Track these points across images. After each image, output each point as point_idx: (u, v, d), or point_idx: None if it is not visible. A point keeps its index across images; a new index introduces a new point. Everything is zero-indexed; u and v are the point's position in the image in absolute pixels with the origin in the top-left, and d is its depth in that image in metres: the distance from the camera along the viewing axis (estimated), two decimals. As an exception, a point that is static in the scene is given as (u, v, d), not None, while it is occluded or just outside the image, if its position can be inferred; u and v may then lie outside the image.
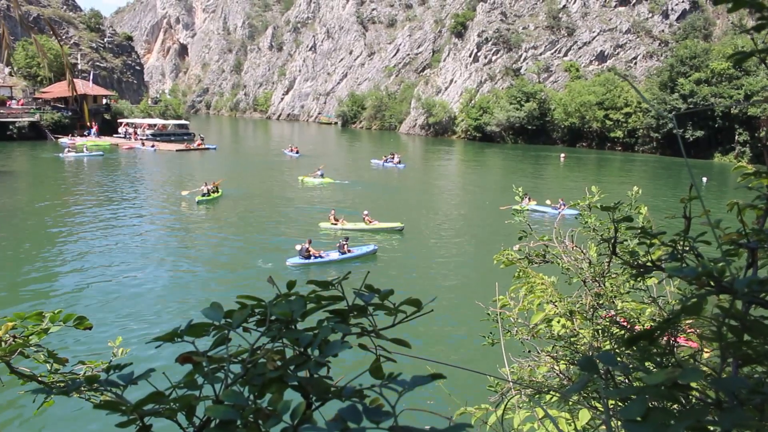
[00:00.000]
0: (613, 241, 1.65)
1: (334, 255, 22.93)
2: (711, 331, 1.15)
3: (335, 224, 27.61)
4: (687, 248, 1.38)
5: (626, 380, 2.30)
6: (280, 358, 1.07)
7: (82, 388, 1.19)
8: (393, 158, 55.90)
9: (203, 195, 31.60)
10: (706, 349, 3.07)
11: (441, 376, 1.03)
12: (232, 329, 1.13)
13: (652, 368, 1.80)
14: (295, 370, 1.04)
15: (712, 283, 1.15)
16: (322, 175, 43.11)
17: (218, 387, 1.03)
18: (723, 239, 1.30)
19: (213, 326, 1.14)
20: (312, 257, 22.22)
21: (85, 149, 54.43)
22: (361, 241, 25.07)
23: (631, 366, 1.23)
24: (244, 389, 1.02)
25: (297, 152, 62.68)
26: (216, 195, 32.59)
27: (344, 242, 23.19)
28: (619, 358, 3.20)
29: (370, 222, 27.81)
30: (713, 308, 1.21)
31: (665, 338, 2.02)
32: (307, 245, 22.24)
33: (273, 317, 1.14)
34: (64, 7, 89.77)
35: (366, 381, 1.06)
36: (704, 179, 49.92)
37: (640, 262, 1.63)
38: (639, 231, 1.57)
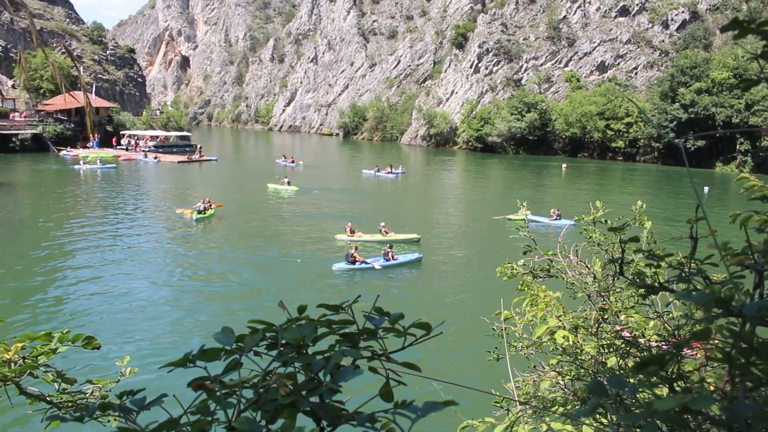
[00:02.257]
0: (620, 262, 1.65)
1: (380, 261, 23.33)
2: (718, 348, 1.15)
3: (351, 236, 27.54)
4: (695, 271, 1.39)
5: (634, 397, 2.30)
6: (293, 383, 1.07)
7: (97, 413, 1.19)
8: (387, 169, 56.11)
9: (199, 212, 31.03)
10: (710, 365, 3.07)
11: (453, 402, 1.03)
12: (243, 354, 1.14)
13: (658, 382, 1.81)
14: (307, 396, 1.05)
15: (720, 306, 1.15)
16: (288, 183, 44.05)
17: (231, 412, 1.04)
18: (730, 262, 1.31)
19: (224, 351, 1.15)
20: (357, 263, 22.68)
21: (99, 161, 54.70)
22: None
23: (639, 387, 1.23)
24: (256, 414, 1.03)
25: (293, 162, 62.84)
26: (210, 212, 31.87)
27: (389, 249, 23.68)
28: (623, 371, 3.20)
29: (387, 233, 27.69)
30: (720, 328, 1.22)
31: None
32: (353, 251, 22.79)
33: (284, 341, 1.15)
34: (67, 20, 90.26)
35: (376, 403, 1.06)
36: (706, 189, 49.89)
37: (647, 282, 1.64)
38: (647, 253, 1.58)
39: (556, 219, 32.26)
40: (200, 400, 1.07)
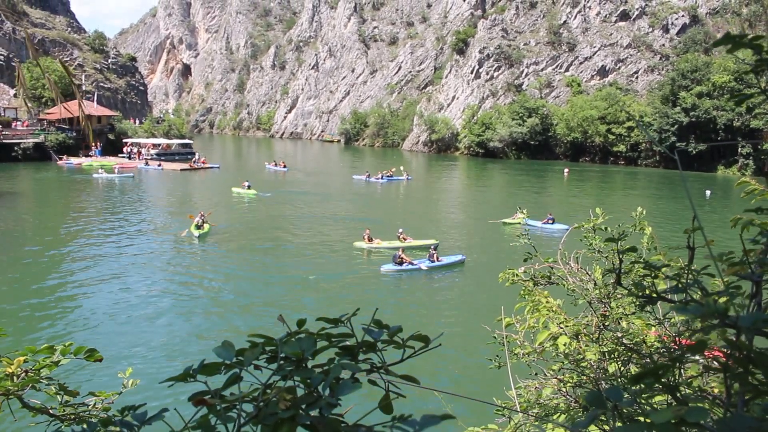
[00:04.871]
0: (617, 272, 1.66)
1: (425, 263, 24.07)
2: (716, 358, 1.16)
3: (370, 243, 27.61)
4: (691, 281, 1.39)
5: (636, 404, 2.29)
6: (292, 397, 1.08)
7: (99, 428, 1.20)
8: (378, 175, 56.22)
9: (197, 227, 30.15)
10: (711, 372, 3.06)
11: (451, 416, 1.04)
12: (243, 368, 1.15)
13: (659, 389, 1.80)
14: (307, 409, 1.05)
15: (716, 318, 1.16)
16: (249, 187, 45.65)
17: (231, 427, 1.04)
18: (727, 272, 1.31)
19: (225, 365, 1.15)
20: (404, 264, 23.59)
21: (116, 170, 54.90)
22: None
23: (636, 398, 1.24)
24: (256, 429, 1.04)
25: (285, 167, 63.25)
26: (207, 227, 30.49)
27: (434, 251, 24.50)
28: (624, 378, 3.19)
29: (405, 240, 27.88)
30: (722, 332, 1.22)
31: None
32: (400, 253, 23.95)
33: (284, 355, 1.16)
34: (69, 29, 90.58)
35: (376, 415, 1.07)
36: (708, 192, 49.79)
37: (645, 293, 1.64)
38: (644, 264, 1.59)
39: (547, 222, 32.29)
40: (201, 415, 1.08)
